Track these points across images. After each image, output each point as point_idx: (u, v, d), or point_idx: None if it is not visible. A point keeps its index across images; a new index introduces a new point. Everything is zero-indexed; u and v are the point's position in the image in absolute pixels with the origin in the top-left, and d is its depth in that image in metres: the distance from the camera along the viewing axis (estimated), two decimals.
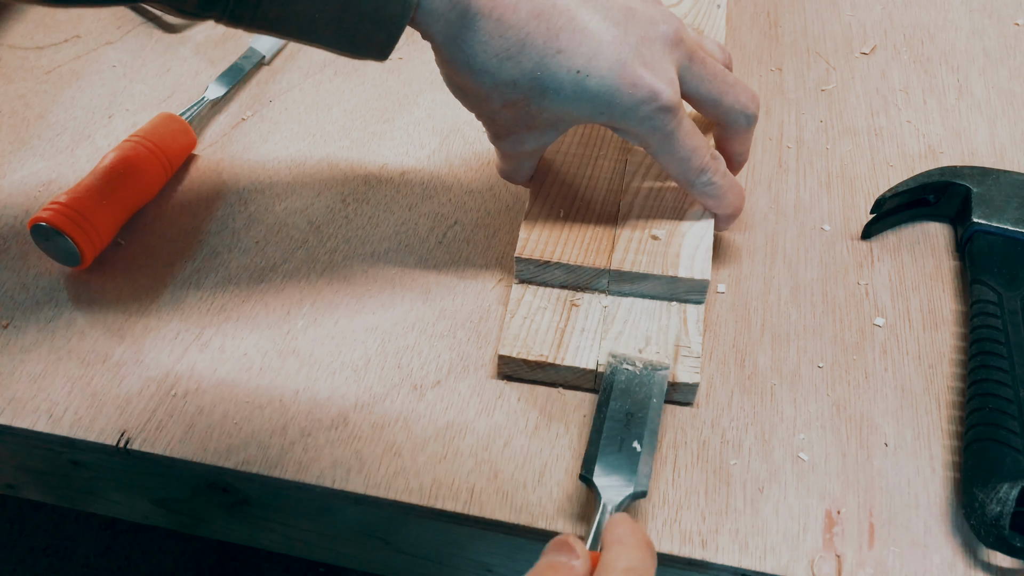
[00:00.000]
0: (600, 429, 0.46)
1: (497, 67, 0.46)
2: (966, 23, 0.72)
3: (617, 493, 0.43)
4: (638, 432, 0.46)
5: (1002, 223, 0.55)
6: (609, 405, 0.47)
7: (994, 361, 0.48)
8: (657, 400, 0.47)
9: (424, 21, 0.46)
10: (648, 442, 0.45)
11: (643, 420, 0.46)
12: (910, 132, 0.64)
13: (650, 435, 0.46)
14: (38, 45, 0.71)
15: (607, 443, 0.45)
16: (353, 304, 0.55)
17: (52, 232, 0.53)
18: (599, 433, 0.46)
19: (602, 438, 0.46)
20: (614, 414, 0.47)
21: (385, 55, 0.47)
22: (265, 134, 0.64)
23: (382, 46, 0.46)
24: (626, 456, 0.45)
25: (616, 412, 0.47)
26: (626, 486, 0.44)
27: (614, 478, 0.44)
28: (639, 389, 0.48)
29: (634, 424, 0.46)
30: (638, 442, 0.45)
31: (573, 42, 0.46)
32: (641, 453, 0.45)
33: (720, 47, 0.54)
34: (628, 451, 0.45)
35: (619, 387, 0.48)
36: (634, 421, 0.46)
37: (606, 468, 0.44)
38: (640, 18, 0.47)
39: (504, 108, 0.48)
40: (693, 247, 0.52)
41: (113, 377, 0.52)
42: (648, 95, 0.46)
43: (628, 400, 0.47)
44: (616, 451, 0.45)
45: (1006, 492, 0.43)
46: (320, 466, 0.48)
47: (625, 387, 0.48)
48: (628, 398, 0.47)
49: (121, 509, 0.59)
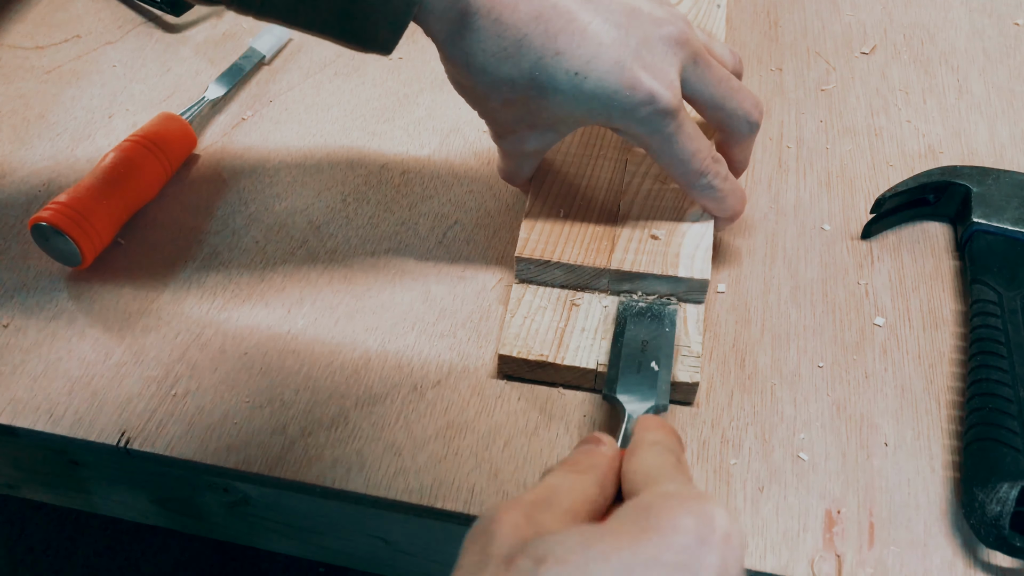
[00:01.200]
0: (619, 353, 0.48)
1: (496, 66, 0.46)
2: (966, 23, 0.72)
3: (639, 406, 0.46)
4: (654, 355, 0.48)
5: (1002, 223, 0.55)
6: (625, 334, 0.49)
7: (994, 361, 0.48)
8: (670, 330, 0.50)
9: (426, 19, 0.46)
10: (664, 364, 0.48)
11: (658, 345, 0.49)
12: (910, 132, 0.64)
13: (666, 358, 0.48)
14: (38, 45, 0.71)
15: (626, 365, 0.48)
16: (353, 304, 0.55)
17: (52, 232, 0.53)
18: (618, 357, 0.48)
19: (621, 361, 0.48)
20: (630, 341, 0.49)
21: (389, 49, 0.47)
22: (265, 134, 0.64)
23: (387, 40, 0.46)
24: (645, 376, 0.47)
25: (632, 340, 0.49)
26: (647, 400, 0.46)
27: (636, 394, 0.46)
28: (652, 321, 0.50)
29: (650, 349, 0.48)
30: (655, 363, 0.48)
31: (572, 44, 0.46)
32: (659, 372, 0.47)
33: (731, 52, 0.53)
34: (647, 371, 0.47)
35: (632, 319, 0.50)
36: (650, 347, 0.49)
37: (627, 386, 0.47)
38: (643, 19, 0.47)
39: (504, 107, 0.48)
40: (693, 247, 0.52)
41: (113, 377, 0.52)
42: (646, 97, 0.46)
43: (642, 329, 0.50)
44: (635, 372, 0.47)
45: (1006, 492, 0.43)
46: (320, 466, 0.48)
47: (638, 319, 0.50)
48: (642, 327, 0.50)
49: (121, 509, 0.59)
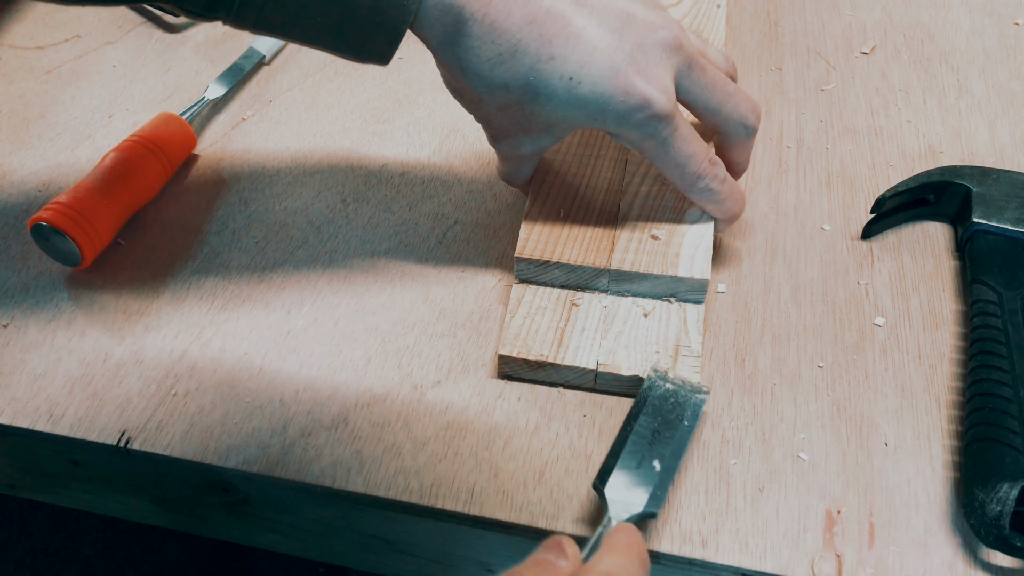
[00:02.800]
0: (623, 442, 0.45)
1: (490, 72, 0.46)
2: (966, 23, 0.72)
3: (625, 510, 0.42)
4: (661, 452, 0.45)
5: (1002, 223, 0.55)
6: (638, 420, 0.46)
7: (994, 361, 0.48)
8: (689, 424, 0.46)
9: (420, 25, 0.46)
10: (668, 464, 0.44)
11: (669, 440, 0.45)
12: (910, 132, 0.64)
13: (672, 458, 0.45)
14: (38, 45, 0.71)
15: (627, 457, 0.44)
16: (353, 304, 0.55)
17: (52, 232, 0.53)
18: (621, 446, 0.45)
19: (623, 451, 0.44)
20: (641, 429, 0.45)
21: (387, 59, 0.47)
22: (265, 134, 0.64)
23: (383, 50, 0.46)
24: (643, 474, 0.44)
25: (643, 428, 0.45)
26: (636, 504, 0.43)
27: (626, 494, 0.43)
28: (673, 409, 0.47)
29: (659, 443, 0.45)
30: (659, 462, 0.44)
31: (566, 49, 0.45)
32: (659, 474, 0.44)
33: (725, 56, 0.54)
34: (647, 469, 0.44)
35: (653, 403, 0.47)
36: (660, 440, 0.45)
37: (620, 482, 0.43)
38: (638, 24, 0.47)
39: (499, 111, 0.48)
40: (693, 247, 0.52)
41: (113, 377, 0.52)
42: (640, 102, 0.46)
43: (659, 418, 0.46)
44: (635, 468, 0.44)
45: (1006, 492, 0.43)
46: (320, 466, 0.48)
47: (659, 404, 0.47)
48: (659, 416, 0.46)
49: (121, 509, 0.59)
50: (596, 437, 0.49)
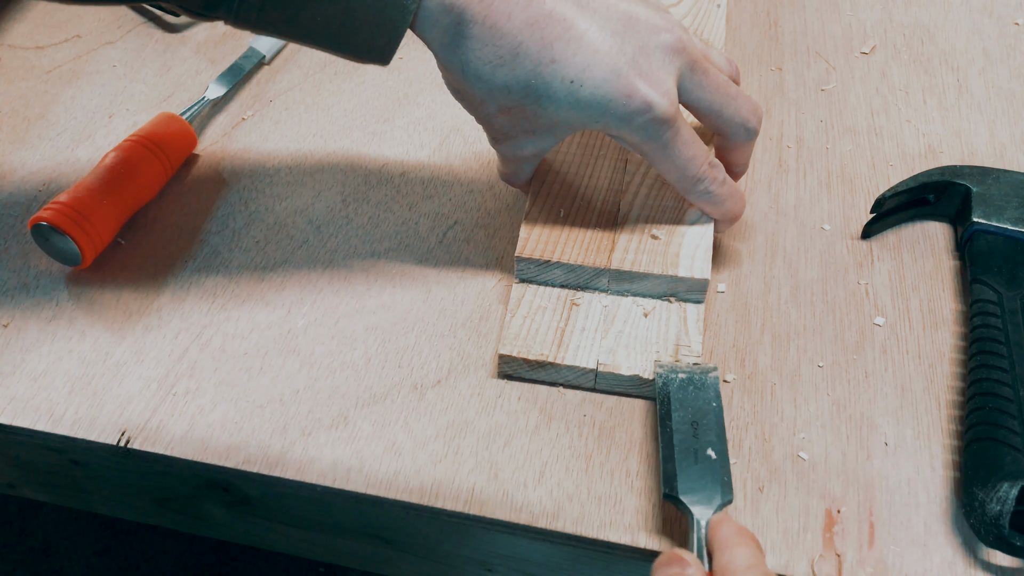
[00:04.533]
0: (671, 443, 0.45)
1: (491, 74, 0.46)
2: (966, 23, 0.72)
3: (707, 507, 0.43)
4: (708, 439, 0.45)
5: (1002, 223, 0.55)
6: (672, 417, 0.46)
7: (994, 361, 0.48)
8: (717, 404, 0.47)
9: (421, 27, 0.46)
10: (720, 448, 0.45)
11: (710, 426, 0.46)
12: (910, 132, 0.64)
13: (719, 440, 0.45)
14: (38, 45, 0.71)
15: (682, 457, 0.44)
16: (353, 304, 0.55)
17: (52, 232, 0.53)
18: (671, 448, 0.45)
19: (675, 453, 0.45)
20: (679, 426, 0.46)
21: (387, 60, 0.47)
22: (265, 134, 0.64)
23: (383, 51, 0.46)
24: (704, 468, 0.44)
25: (681, 423, 0.46)
26: (713, 498, 0.43)
27: (700, 492, 0.43)
28: (696, 395, 0.47)
29: (702, 432, 0.45)
30: (712, 450, 0.45)
31: (568, 51, 0.45)
32: (717, 461, 0.44)
33: (728, 60, 0.54)
34: (704, 461, 0.44)
35: (676, 397, 0.47)
36: (701, 429, 0.45)
37: (688, 483, 0.44)
38: (641, 27, 0.47)
39: (500, 113, 0.48)
40: (693, 247, 0.52)
41: (113, 377, 0.52)
42: (642, 106, 0.46)
43: (689, 409, 0.46)
44: (693, 463, 0.44)
45: (1006, 491, 0.43)
46: (320, 466, 0.48)
47: (682, 396, 0.47)
48: (688, 407, 0.46)
49: (121, 509, 0.59)
50: (596, 437, 0.49)
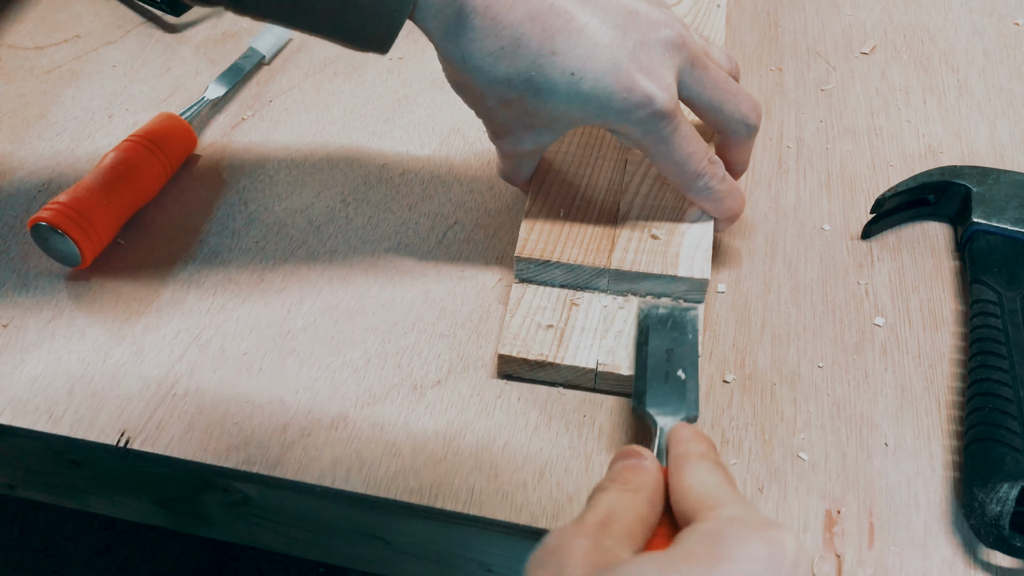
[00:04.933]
0: (644, 364, 0.48)
1: (491, 66, 0.46)
2: (966, 23, 0.72)
3: (670, 419, 0.45)
4: (680, 364, 0.47)
5: (1002, 223, 0.55)
6: (649, 343, 0.48)
7: (994, 361, 0.48)
8: (693, 336, 0.49)
9: (421, 17, 0.46)
10: (691, 373, 0.47)
11: (683, 354, 0.48)
12: (910, 132, 0.64)
13: (692, 366, 0.47)
14: (38, 45, 0.71)
15: (653, 376, 0.47)
16: (353, 304, 0.55)
17: (52, 232, 0.53)
18: (644, 368, 0.47)
19: (647, 371, 0.47)
20: (655, 351, 0.48)
21: (385, 48, 0.47)
22: (265, 134, 0.64)
23: (382, 39, 0.46)
24: (673, 386, 0.46)
25: (656, 348, 0.48)
26: (678, 411, 0.45)
27: (666, 405, 0.45)
28: (675, 327, 0.49)
29: (675, 358, 0.48)
30: (682, 371, 0.47)
31: (568, 44, 0.45)
32: (687, 381, 0.47)
33: (728, 56, 0.54)
34: (675, 381, 0.47)
35: (655, 327, 0.49)
36: (675, 355, 0.48)
37: (656, 397, 0.46)
38: (641, 21, 0.47)
39: (501, 106, 0.48)
40: (693, 246, 0.52)
41: (113, 377, 0.52)
42: (643, 99, 0.46)
43: (666, 338, 0.49)
44: (663, 383, 0.47)
45: (1006, 492, 0.43)
46: (320, 466, 0.48)
47: (660, 327, 0.49)
48: (665, 335, 0.49)
49: (121, 509, 0.59)
50: (596, 437, 0.49)
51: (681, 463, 0.38)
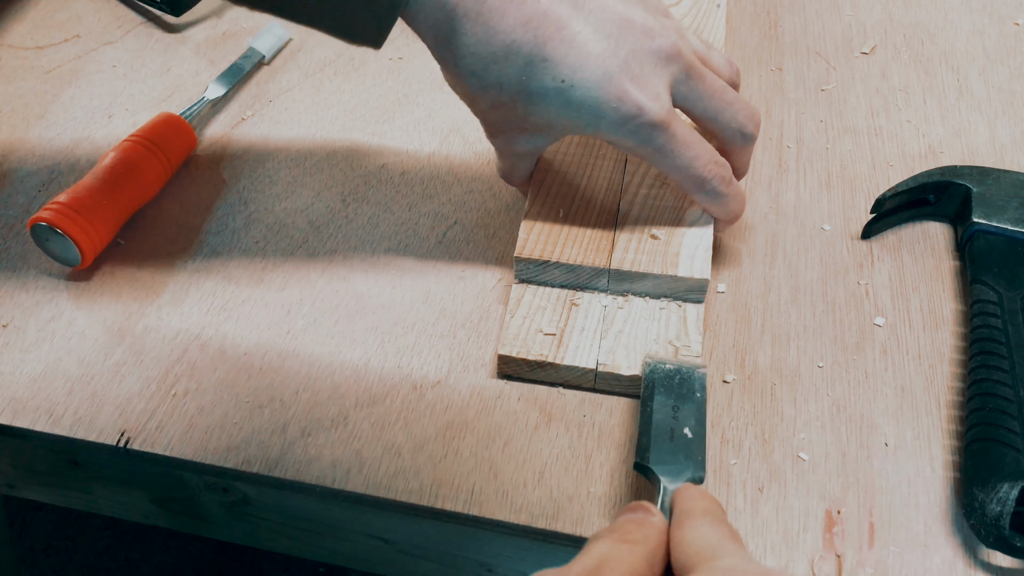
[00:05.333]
0: (649, 420, 0.46)
1: (483, 70, 0.46)
2: (966, 23, 0.72)
3: (676, 479, 0.43)
4: (687, 422, 0.46)
5: (1002, 223, 0.55)
6: (655, 399, 0.47)
7: (994, 361, 0.48)
8: (701, 395, 0.47)
9: (414, 20, 0.46)
10: (698, 432, 0.46)
11: (690, 412, 0.47)
12: (910, 132, 0.64)
13: (699, 425, 0.46)
14: (38, 45, 0.71)
15: (658, 433, 0.45)
16: (353, 304, 0.55)
17: (52, 232, 0.53)
18: (648, 424, 0.46)
19: (652, 428, 0.46)
20: (660, 407, 0.47)
21: (378, 44, 0.47)
22: (265, 134, 0.64)
23: (373, 35, 0.47)
24: (679, 444, 0.45)
25: (662, 405, 0.47)
26: (684, 470, 0.44)
27: (671, 464, 0.44)
28: (681, 385, 0.48)
29: (682, 415, 0.46)
30: (688, 430, 0.46)
31: (559, 52, 0.45)
32: (693, 440, 0.45)
33: (728, 62, 0.53)
34: (680, 439, 0.45)
35: (661, 383, 0.48)
36: (681, 412, 0.47)
37: (661, 455, 0.44)
38: (636, 31, 0.47)
39: (493, 109, 0.48)
40: (693, 246, 0.52)
41: (113, 377, 0.52)
42: (633, 110, 0.46)
43: (672, 395, 0.47)
44: (668, 440, 0.45)
45: (1006, 492, 0.43)
46: (320, 466, 0.48)
47: (667, 384, 0.48)
48: (672, 393, 0.47)
49: (121, 509, 0.59)
50: (596, 437, 0.49)
51: (683, 519, 0.38)
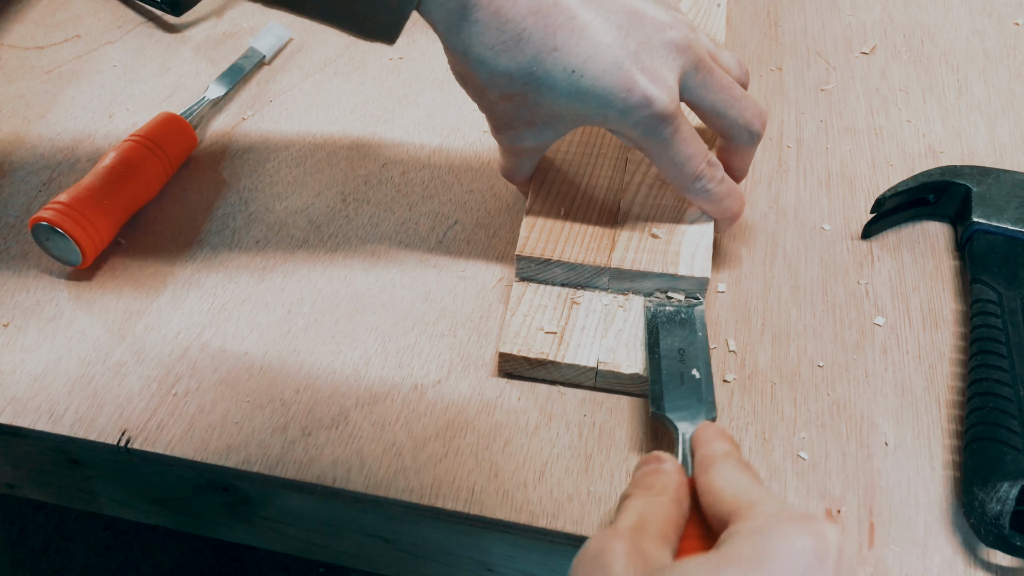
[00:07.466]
0: (659, 367, 0.48)
1: (493, 59, 0.46)
2: (966, 23, 0.72)
3: (691, 422, 0.45)
4: (694, 364, 0.48)
5: (1002, 223, 0.55)
6: (660, 345, 0.49)
7: (994, 360, 0.48)
8: (703, 333, 0.49)
9: (428, 8, 0.46)
10: (705, 372, 0.47)
11: (696, 353, 0.48)
12: (910, 132, 0.64)
13: (705, 365, 0.48)
14: (38, 45, 0.71)
15: (668, 379, 0.47)
16: (353, 303, 0.55)
17: (53, 232, 0.53)
18: (659, 371, 0.47)
19: (662, 375, 0.47)
20: (667, 352, 0.48)
21: (393, 38, 0.48)
22: (265, 134, 0.64)
23: (388, 30, 0.47)
24: (690, 388, 0.47)
25: (668, 350, 0.48)
26: (698, 415, 0.45)
27: (685, 409, 0.45)
28: (683, 325, 0.49)
29: (688, 358, 0.48)
30: (696, 371, 0.47)
31: (570, 41, 0.46)
32: (702, 380, 0.47)
33: (739, 63, 0.53)
34: (690, 382, 0.47)
35: (664, 327, 0.49)
36: (687, 355, 0.48)
37: (674, 401, 0.46)
38: (646, 22, 0.47)
39: (502, 100, 0.49)
40: (693, 245, 0.52)
41: (113, 377, 0.52)
42: (642, 100, 0.46)
43: (676, 337, 0.49)
44: (679, 385, 0.47)
45: (1006, 491, 0.43)
46: (320, 466, 0.48)
47: (669, 326, 0.49)
48: (675, 335, 0.49)
49: (121, 509, 0.59)
50: (596, 437, 0.49)
51: (708, 464, 0.39)
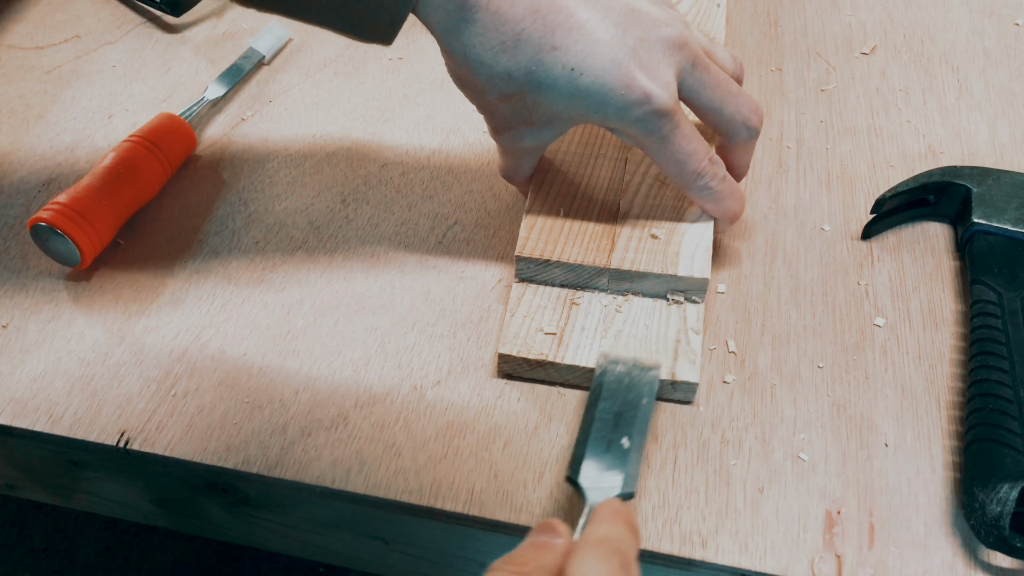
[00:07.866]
0: (588, 430, 0.45)
1: (493, 60, 0.46)
2: (966, 23, 0.72)
3: (603, 495, 0.42)
4: (627, 432, 0.45)
5: (1002, 223, 0.55)
6: (598, 406, 0.46)
7: (994, 361, 0.48)
8: (648, 400, 0.46)
9: (425, 10, 0.46)
10: (637, 442, 0.44)
11: (632, 420, 0.45)
12: (910, 132, 0.64)
13: (639, 435, 0.44)
14: (38, 45, 0.71)
15: (594, 444, 0.44)
16: (353, 304, 0.55)
17: (52, 232, 0.53)
18: (586, 434, 0.45)
19: (589, 439, 0.44)
20: (603, 415, 0.45)
21: (390, 40, 0.48)
22: (265, 134, 0.64)
23: (385, 32, 0.47)
24: (614, 457, 0.44)
25: (605, 412, 0.46)
26: (612, 488, 0.42)
27: (601, 479, 0.43)
28: (630, 390, 0.47)
29: (623, 424, 0.45)
30: (627, 439, 0.44)
31: (569, 40, 0.46)
32: (630, 451, 0.44)
33: (733, 57, 0.53)
34: (616, 451, 0.44)
35: (609, 387, 0.47)
36: (623, 421, 0.45)
37: (593, 469, 0.43)
38: (642, 20, 0.47)
39: (501, 101, 0.49)
40: (693, 246, 0.52)
41: (112, 377, 0.52)
42: (641, 97, 0.46)
43: (618, 400, 0.46)
44: (604, 452, 0.44)
45: (1006, 492, 0.43)
46: (320, 466, 0.48)
47: (615, 388, 0.47)
48: (618, 398, 0.46)
49: (121, 509, 0.59)
50: None
51: (579, 546, 0.36)
